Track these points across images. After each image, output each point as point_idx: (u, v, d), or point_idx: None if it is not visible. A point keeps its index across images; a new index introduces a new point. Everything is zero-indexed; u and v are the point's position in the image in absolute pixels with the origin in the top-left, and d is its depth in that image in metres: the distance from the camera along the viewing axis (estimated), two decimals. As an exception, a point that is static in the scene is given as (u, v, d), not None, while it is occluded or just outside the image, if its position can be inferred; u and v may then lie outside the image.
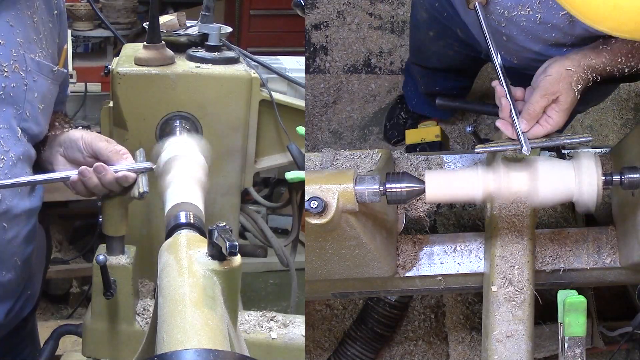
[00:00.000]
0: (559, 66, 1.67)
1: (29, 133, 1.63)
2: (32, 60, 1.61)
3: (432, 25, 2.39)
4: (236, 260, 1.28)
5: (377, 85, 3.27)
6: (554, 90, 1.66)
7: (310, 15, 3.33)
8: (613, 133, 3.10)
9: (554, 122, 1.67)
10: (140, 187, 1.68)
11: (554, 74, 1.66)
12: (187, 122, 2.02)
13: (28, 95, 1.61)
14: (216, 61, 2.08)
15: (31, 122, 1.63)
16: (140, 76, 1.99)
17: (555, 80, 1.66)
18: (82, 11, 3.87)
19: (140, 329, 1.86)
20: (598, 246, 1.96)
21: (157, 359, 1.06)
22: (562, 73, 1.66)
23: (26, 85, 1.60)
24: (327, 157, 1.86)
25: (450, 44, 2.40)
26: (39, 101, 1.64)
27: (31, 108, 1.62)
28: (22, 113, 1.60)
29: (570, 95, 1.66)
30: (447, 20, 2.26)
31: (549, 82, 1.66)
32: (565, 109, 1.67)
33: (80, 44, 4.25)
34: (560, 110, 1.66)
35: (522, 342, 1.80)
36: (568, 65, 1.67)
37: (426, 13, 2.38)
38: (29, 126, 1.63)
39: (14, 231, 1.64)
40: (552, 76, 1.66)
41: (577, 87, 1.66)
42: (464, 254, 1.97)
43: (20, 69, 1.59)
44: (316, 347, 2.74)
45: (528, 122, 1.66)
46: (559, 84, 1.66)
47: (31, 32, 1.62)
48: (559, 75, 1.66)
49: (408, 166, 1.96)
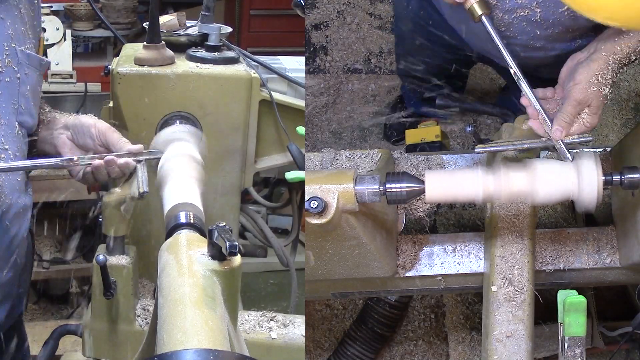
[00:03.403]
0: (587, 72, 1.66)
1: (25, 126, 1.64)
2: (22, 53, 1.61)
3: (417, 34, 2.38)
4: (236, 260, 1.28)
5: (377, 85, 3.26)
6: (585, 99, 1.66)
7: (310, 15, 3.33)
8: (613, 133, 3.10)
9: (589, 124, 1.68)
10: (140, 187, 1.68)
11: (583, 81, 1.66)
12: (187, 122, 2.02)
13: (22, 89, 1.61)
14: (216, 61, 2.08)
15: (26, 115, 1.63)
16: (140, 76, 1.99)
17: (585, 88, 1.66)
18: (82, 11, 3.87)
19: (140, 329, 1.86)
20: (598, 246, 1.96)
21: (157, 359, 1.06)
22: (591, 79, 1.66)
23: (19, 78, 1.60)
24: (327, 157, 1.86)
25: (438, 51, 2.39)
26: (31, 93, 1.64)
27: (25, 101, 1.62)
28: (18, 107, 1.60)
29: (600, 99, 1.67)
30: (434, 27, 2.26)
31: (579, 91, 1.66)
32: (597, 112, 1.68)
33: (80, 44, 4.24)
34: (593, 113, 1.67)
35: (522, 342, 1.80)
36: (596, 69, 1.66)
37: (411, 22, 2.38)
38: (25, 119, 1.63)
39: (15, 228, 1.64)
40: (582, 85, 1.66)
41: (606, 88, 1.67)
42: (464, 254, 1.97)
43: (13, 63, 1.59)
44: (316, 347, 2.74)
45: (563, 129, 1.67)
46: (589, 91, 1.66)
47: (20, 24, 1.62)
48: (587, 83, 1.66)
49: (408, 166, 1.96)
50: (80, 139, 1.72)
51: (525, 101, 1.71)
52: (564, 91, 1.71)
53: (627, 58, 1.69)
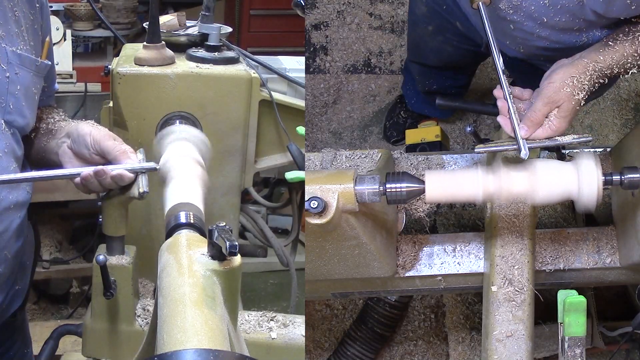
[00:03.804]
0: (563, 73, 1.67)
1: (15, 125, 1.64)
2: (13, 53, 1.61)
3: (431, 19, 2.39)
4: (236, 260, 1.28)
5: (377, 85, 3.27)
6: (556, 98, 1.65)
7: (310, 15, 3.33)
8: (613, 133, 3.10)
9: (555, 127, 1.66)
10: (140, 187, 1.68)
11: (558, 81, 1.66)
12: (187, 122, 2.02)
13: (10, 88, 1.61)
14: (216, 61, 2.08)
15: (15, 115, 1.63)
16: (140, 76, 1.99)
17: (558, 88, 1.65)
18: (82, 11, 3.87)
19: (140, 329, 1.86)
20: (598, 246, 1.96)
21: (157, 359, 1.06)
22: (566, 80, 1.65)
23: (8, 77, 1.60)
24: (327, 157, 1.86)
25: (450, 39, 2.39)
26: (23, 94, 1.64)
27: (15, 101, 1.62)
28: (6, 106, 1.60)
29: (572, 103, 1.65)
30: (447, 13, 2.26)
31: (552, 90, 1.66)
32: (566, 116, 1.66)
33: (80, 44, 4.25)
34: (562, 117, 1.66)
35: (522, 342, 1.80)
36: (573, 72, 1.66)
37: (425, 7, 2.38)
38: (14, 119, 1.63)
39: (4, 224, 1.64)
40: (556, 84, 1.66)
41: (581, 94, 1.66)
42: (464, 254, 1.97)
43: (2, 62, 1.59)
44: (316, 347, 2.74)
45: (529, 128, 1.66)
46: (562, 91, 1.65)
47: (12, 25, 1.62)
48: (562, 83, 1.65)
49: (408, 166, 1.96)
50: (77, 147, 1.71)
51: (498, 93, 1.70)
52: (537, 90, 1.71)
53: (609, 69, 1.68)
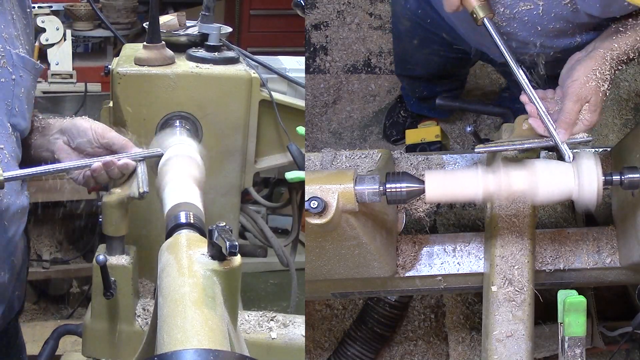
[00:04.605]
0: (584, 68, 1.68)
1: (18, 129, 1.64)
2: (17, 55, 1.61)
3: (415, 33, 2.39)
4: (236, 260, 1.28)
5: (377, 85, 3.26)
6: (584, 94, 1.67)
7: (310, 15, 3.33)
8: (613, 133, 3.10)
9: (588, 122, 1.68)
10: (140, 187, 1.68)
11: (581, 77, 1.67)
12: (187, 122, 2.02)
13: (16, 90, 1.61)
14: (216, 61, 2.08)
15: (20, 118, 1.63)
16: (140, 76, 1.99)
17: (583, 83, 1.66)
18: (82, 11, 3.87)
19: (140, 329, 1.86)
20: (598, 246, 1.96)
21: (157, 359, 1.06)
22: (589, 74, 1.67)
23: (14, 80, 1.60)
24: (327, 157, 1.86)
25: (436, 50, 2.40)
26: (25, 96, 1.64)
27: (19, 103, 1.62)
28: (12, 109, 1.60)
29: (599, 95, 1.67)
30: (432, 26, 2.26)
31: (578, 87, 1.67)
32: (596, 109, 1.68)
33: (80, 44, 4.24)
34: (593, 110, 1.68)
35: (522, 342, 1.80)
36: (593, 65, 1.67)
37: (409, 21, 2.38)
38: (18, 122, 1.63)
39: (12, 229, 1.64)
40: (580, 80, 1.67)
41: (605, 84, 1.67)
42: (464, 254, 1.97)
43: (8, 64, 1.59)
44: (316, 347, 2.74)
45: (566, 130, 1.67)
46: (587, 86, 1.66)
47: (12, 28, 1.62)
48: (586, 78, 1.67)
49: (408, 166, 1.96)
50: (77, 142, 1.71)
51: (525, 99, 1.71)
52: (563, 90, 1.71)
53: (625, 55, 1.69)
